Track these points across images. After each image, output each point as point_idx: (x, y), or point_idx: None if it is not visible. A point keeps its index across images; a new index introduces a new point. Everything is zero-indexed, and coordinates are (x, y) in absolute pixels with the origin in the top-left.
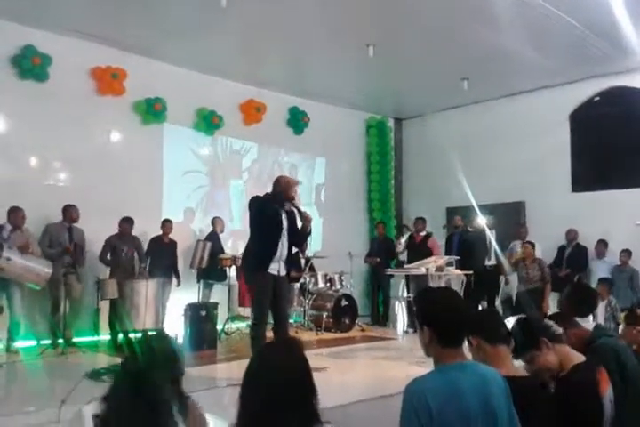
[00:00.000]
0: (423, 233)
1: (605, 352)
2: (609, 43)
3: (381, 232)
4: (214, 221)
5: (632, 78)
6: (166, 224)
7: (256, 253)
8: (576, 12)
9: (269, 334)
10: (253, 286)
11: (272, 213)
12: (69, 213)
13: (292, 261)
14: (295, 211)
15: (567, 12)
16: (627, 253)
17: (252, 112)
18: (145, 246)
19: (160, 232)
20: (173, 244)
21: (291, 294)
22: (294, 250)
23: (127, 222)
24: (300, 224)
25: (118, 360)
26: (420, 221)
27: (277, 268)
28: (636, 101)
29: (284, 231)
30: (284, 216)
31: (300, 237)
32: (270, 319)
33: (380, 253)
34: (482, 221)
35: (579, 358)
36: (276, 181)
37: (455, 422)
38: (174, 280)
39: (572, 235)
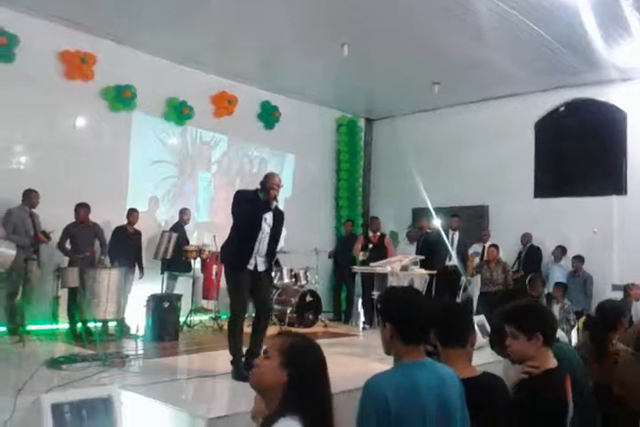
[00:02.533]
0: (379, 233)
1: None
2: (577, 56)
3: (349, 230)
4: (182, 212)
5: (597, 91)
6: (132, 213)
7: (234, 251)
8: (547, 25)
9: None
10: (229, 279)
11: (253, 211)
12: (30, 197)
13: (272, 257)
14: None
15: (539, 24)
16: (579, 259)
17: (223, 104)
18: (108, 235)
19: (125, 221)
20: (138, 234)
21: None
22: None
23: (83, 208)
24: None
25: (76, 349)
26: (376, 220)
27: (254, 263)
28: (599, 114)
29: (267, 229)
30: (267, 215)
31: None
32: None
33: (346, 250)
34: (437, 222)
35: (553, 362)
36: (264, 177)
37: (412, 418)
38: (137, 271)
39: (526, 238)
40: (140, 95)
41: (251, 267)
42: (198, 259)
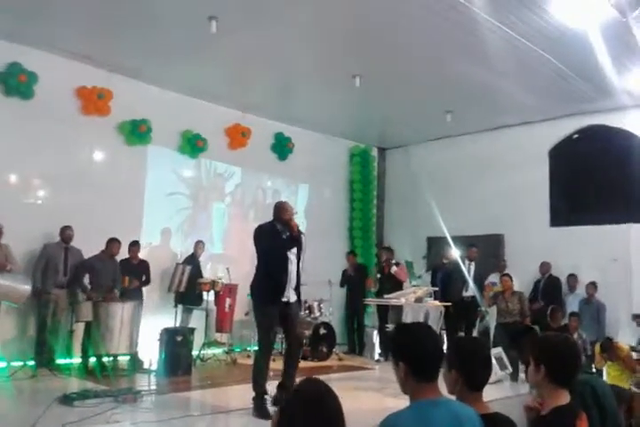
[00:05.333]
0: (393, 261)
1: (583, 388)
2: (589, 83)
3: (352, 262)
4: (197, 245)
5: (610, 117)
6: (133, 248)
7: (265, 286)
8: (559, 53)
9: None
10: (260, 315)
11: (278, 247)
12: (63, 233)
13: (300, 286)
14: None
15: (551, 52)
16: (593, 285)
17: (237, 136)
18: None
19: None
20: (144, 263)
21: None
22: None
23: (116, 243)
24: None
25: (89, 385)
26: (386, 250)
27: (288, 295)
28: (613, 140)
29: (294, 259)
30: (290, 245)
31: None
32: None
33: (356, 282)
34: (455, 253)
35: (564, 398)
36: (274, 208)
37: None
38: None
39: (545, 268)
40: (155, 129)
41: (284, 299)
42: (212, 292)
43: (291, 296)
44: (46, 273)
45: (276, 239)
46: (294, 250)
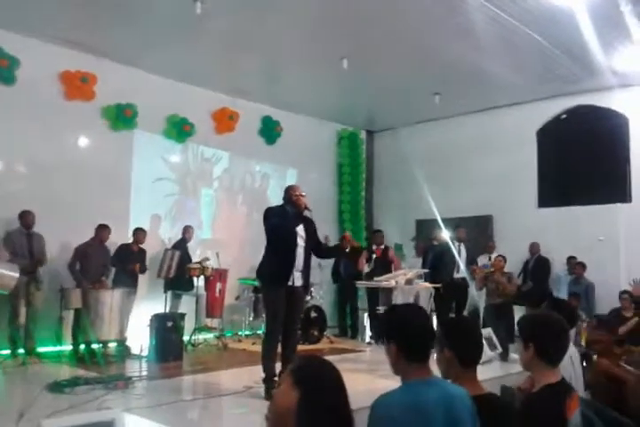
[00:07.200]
0: (382, 246)
1: None
2: (577, 63)
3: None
4: (186, 230)
5: (598, 97)
6: (139, 232)
7: (272, 266)
8: (546, 33)
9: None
10: (267, 297)
11: (284, 225)
12: (24, 218)
13: (309, 272)
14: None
15: (538, 32)
16: (581, 265)
17: (224, 120)
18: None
19: (129, 240)
20: (143, 252)
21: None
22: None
23: (106, 229)
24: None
25: (80, 372)
26: (379, 233)
27: (292, 278)
28: (602, 120)
29: (301, 243)
30: (300, 227)
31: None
32: None
33: (348, 264)
34: (446, 234)
35: (555, 377)
36: (284, 191)
37: None
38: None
39: (534, 248)
40: (141, 113)
41: (290, 282)
42: (202, 276)
43: (296, 280)
44: (14, 260)
45: (282, 217)
46: (303, 233)
